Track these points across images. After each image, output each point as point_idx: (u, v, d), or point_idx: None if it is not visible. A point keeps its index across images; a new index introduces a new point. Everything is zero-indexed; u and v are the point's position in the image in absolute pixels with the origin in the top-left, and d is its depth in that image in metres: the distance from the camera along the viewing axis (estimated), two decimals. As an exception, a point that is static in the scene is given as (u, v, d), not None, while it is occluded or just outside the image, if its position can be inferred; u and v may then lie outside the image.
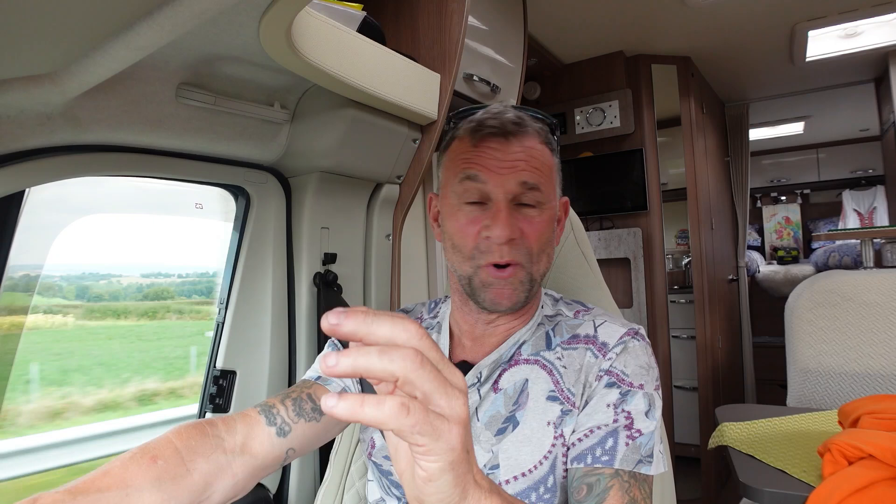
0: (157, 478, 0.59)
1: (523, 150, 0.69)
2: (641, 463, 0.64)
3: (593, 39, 2.50)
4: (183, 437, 0.64)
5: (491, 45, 1.48)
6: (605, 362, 0.70)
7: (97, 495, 0.55)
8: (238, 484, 0.67)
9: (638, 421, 0.66)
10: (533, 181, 0.69)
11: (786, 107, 3.76)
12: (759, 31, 2.47)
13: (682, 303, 2.98)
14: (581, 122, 2.64)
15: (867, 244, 2.46)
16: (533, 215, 0.70)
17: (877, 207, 4.68)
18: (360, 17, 0.96)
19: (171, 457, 0.61)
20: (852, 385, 1.65)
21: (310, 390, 0.78)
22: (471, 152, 0.70)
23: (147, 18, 0.58)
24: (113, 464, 0.59)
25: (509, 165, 0.68)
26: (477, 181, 0.69)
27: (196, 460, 0.63)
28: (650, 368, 0.71)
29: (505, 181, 0.68)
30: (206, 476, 0.63)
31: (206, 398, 1.06)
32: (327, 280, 1.12)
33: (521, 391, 0.71)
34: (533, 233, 0.70)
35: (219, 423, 0.68)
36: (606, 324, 0.74)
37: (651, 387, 0.69)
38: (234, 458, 0.67)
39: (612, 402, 0.67)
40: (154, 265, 1.60)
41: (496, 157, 0.69)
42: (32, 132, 0.74)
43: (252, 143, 1.00)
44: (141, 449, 0.61)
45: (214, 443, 0.66)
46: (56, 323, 1.91)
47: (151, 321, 2.29)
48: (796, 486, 1.06)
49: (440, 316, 0.85)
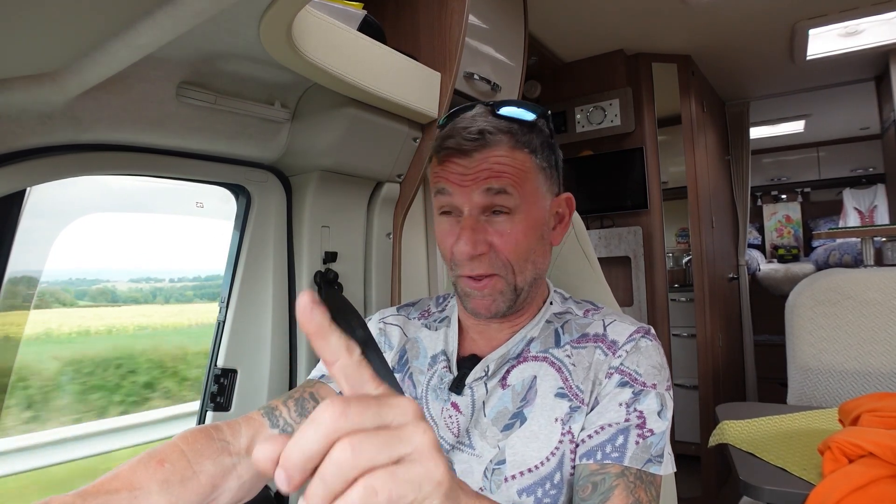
0: (165, 480, 0.60)
1: (486, 161, 0.68)
2: (651, 462, 0.64)
3: (594, 38, 2.50)
4: (189, 441, 0.65)
5: (491, 44, 1.47)
6: (615, 360, 0.69)
7: (106, 497, 0.56)
8: (244, 486, 0.68)
9: (650, 420, 0.66)
10: (499, 185, 0.67)
11: (786, 105, 3.76)
12: (760, 29, 2.47)
13: (683, 301, 2.98)
14: (581, 120, 2.64)
15: (867, 242, 2.46)
16: (504, 226, 0.69)
17: (877, 206, 4.67)
18: (361, 16, 0.96)
19: (178, 460, 0.63)
20: (853, 383, 1.65)
21: (313, 389, 0.78)
22: (437, 167, 0.72)
23: (147, 17, 0.58)
24: (121, 468, 0.61)
25: (472, 178, 0.68)
26: (446, 194, 0.70)
27: (202, 463, 0.64)
28: (662, 368, 0.70)
29: (470, 193, 0.68)
30: (213, 478, 0.64)
31: (206, 397, 1.06)
32: (328, 279, 1.12)
33: (530, 388, 0.71)
34: (505, 244, 0.69)
35: (224, 428, 0.70)
36: (616, 322, 0.74)
37: (663, 387, 0.69)
38: (239, 460, 0.68)
39: (624, 401, 0.67)
40: (146, 269, 1.62)
41: (459, 172, 0.69)
42: (33, 131, 0.74)
43: (252, 141, 1.00)
44: (148, 453, 0.63)
45: (220, 446, 0.67)
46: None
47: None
48: (797, 484, 1.07)
49: (448, 310, 0.85)
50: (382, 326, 0.87)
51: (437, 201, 0.73)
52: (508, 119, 0.70)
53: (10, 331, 0.90)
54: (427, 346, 0.82)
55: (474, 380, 0.74)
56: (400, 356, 0.83)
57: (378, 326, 0.87)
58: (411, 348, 0.83)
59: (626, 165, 2.63)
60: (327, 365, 0.33)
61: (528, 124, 0.71)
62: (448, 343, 0.80)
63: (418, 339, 0.83)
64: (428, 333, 0.83)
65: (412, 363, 0.82)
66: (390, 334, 0.86)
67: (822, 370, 1.70)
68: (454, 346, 0.79)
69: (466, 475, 0.71)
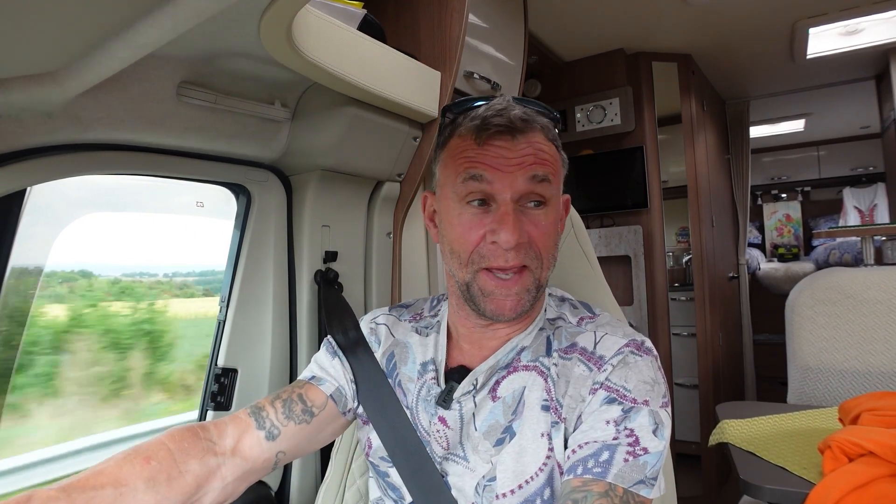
0: (151, 478, 0.60)
1: (530, 145, 0.66)
2: (643, 484, 0.59)
3: (594, 37, 2.49)
4: (176, 439, 0.65)
5: (491, 43, 1.47)
6: (601, 374, 0.65)
7: (92, 493, 0.56)
8: (227, 487, 0.68)
9: (644, 439, 0.60)
10: (543, 172, 0.65)
11: (786, 104, 3.76)
12: (760, 28, 2.46)
13: (683, 300, 2.98)
14: (582, 119, 2.64)
15: (868, 241, 2.46)
16: (539, 217, 0.66)
17: (877, 204, 4.67)
18: (361, 15, 0.96)
19: (165, 458, 0.63)
20: (853, 382, 1.65)
21: (301, 390, 0.77)
22: (475, 150, 0.66)
23: (148, 17, 0.58)
24: (106, 463, 0.60)
25: (517, 162, 0.64)
26: (482, 181, 0.65)
27: (188, 462, 0.64)
28: (655, 384, 0.64)
29: (513, 180, 0.64)
30: (198, 478, 0.65)
31: (207, 396, 1.07)
32: (328, 278, 1.12)
33: (519, 400, 0.68)
34: (540, 236, 0.66)
35: (210, 427, 0.70)
36: (607, 336, 0.68)
37: (657, 403, 0.63)
38: (224, 460, 0.68)
39: (612, 419, 0.61)
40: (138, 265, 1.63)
41: (503, 156, 0.65)
42: (33, 131, 0.74)
43: (253, 141, 1.00)
44: (134, 449, 0.63)
45: (206, 446, 0.67)
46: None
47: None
48: (797, 483, 1.07)
49: (440, 315, 0.82)
50: (374, 327, 0.85)
51: (466, 188, 0.66)
52: (539, 111, 0.69)
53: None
54: (417, 353, 0.79)
55: (462, 394, 0.71)
56: (388, 359, 0.81)
57: (369, 327, 0.86)
58: (399, 352, 0.81)
59: (626, 164, 2.63)
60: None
61: (555, 119, 0.71)
62: (437, 352, 0.77)
63: (408, 345, 0.81)
64: (418, 339, 0.81)
65: (400, 369, 0.79)
66: (380, 334, 0.84)
67: (822, 369, 1.70)
68: (442, 356, 0.76)
69: (459, 488, 0.69)
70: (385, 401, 0.77)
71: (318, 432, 0.77)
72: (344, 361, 0.81)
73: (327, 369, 0.81)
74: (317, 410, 0.76)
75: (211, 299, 1.17)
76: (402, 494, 0.73)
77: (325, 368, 0.81)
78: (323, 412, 0.77)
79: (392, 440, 0.74)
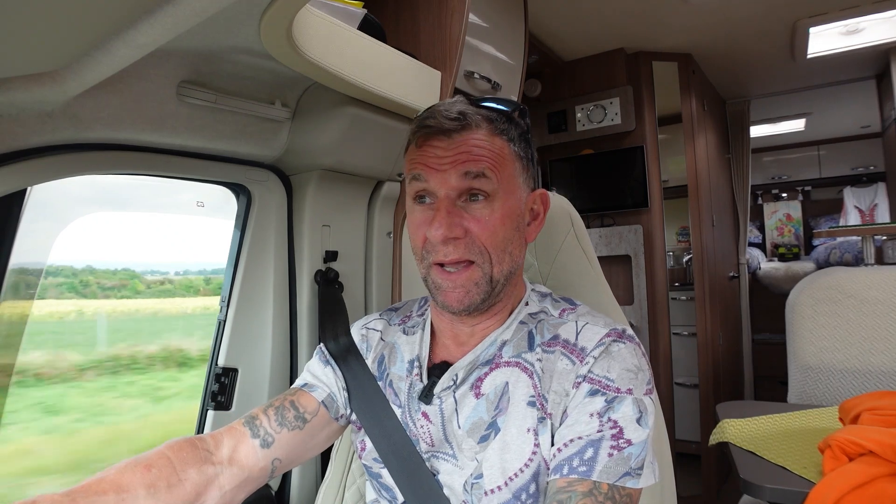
0: (151, 485, 0.63)
1: (465, 143, 0.67)
2: (629, 476, 0.60)
3: (594, 36, 2.49)
4: (174, 449, 0.68)
5: (492, 43, 1.47)
6: (583, 367, 0.65)
7: (94, 498, 0.58)
8: (226, 496, 0.70)
9: (628, 430, 0.61)
10: (477, 169, 0.66)
11: (787, 104, 3.76)
12: (761, 27, 2.46)
13: (683, 300, 2.98)
14: (582, 119, 2.64)
15: (868, 241, 2.46)
16: (481, 211, 0.67)
17: (878, 204, 4.67)
18: (361, 15, 0.96)
19: (165, 466, 0.65)
20: (853, 382, 1.65)
21: (293, 397, 0.79)
22: (416, 152, 0.70)
23: (148, 16, 0.57)
24: (108, 471, 0.62)
25: (451, 161, 0.67)
26: (421, 180, 0.69)
27: (187, 471, 0.66)
28: (639, 371, 0.65)
29: (446, 177, 0.67)
30: (197, 487, 0.67)
31: (207, 396, 1.07)
32: (328, 278, 1.12)
33: (502, 395, 0.69)
34: (482, 230, 0.67)
35: (207, 438, 0.72)
36: (588, 326, 0.69)
37: (641, 391, 0.64)
38: (221, 469, 0.70)
39: (596, 411, 0.62)
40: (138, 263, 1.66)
41: (437, 155, 0.67)
42: (33, 131, 0.74)
43: (253, 140, 1.00)
44: (134, 459, 0.65)
45: (203, 455, 0.69)
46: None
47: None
48: (797, 482, 1.07)
49: (427, 314, 0.83)
50: (365, 332, 0.87)
51: (412, 188, 0.70)
52: (487, 108, 0.71)
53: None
54: (404, 352, 0.80)
55: (442, 389, 0.72)
56: (379, 363, 0.83)
57: (360, 333, 0.87)
58: (389, 354, 0.82)
59: (626, 164, 2.63)
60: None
61: (506, 115, 0.72)
62: (421, 349, 0.78)
63: (396, 345, 0.82)
64: (405, 339, 0.82)
65: (390, 369, 0.80)
66: (371, 339, 0.85)
67: (822, 369, 1.70)
68: (425, 352, 0.77)
69: (450, 486, 0.70)
70: (376, 407, 0.78)
71: (312, 438, 0.79)
72: (336, 369, 0.83)
73: (319, 377, 0.83)
74: (309, 416, 0.78)
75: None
76: (395, 495, 0.75)
77: (318, 376, 0.83)
78: (315, 418, 0.78)
79: (384, 445, 0.75)
